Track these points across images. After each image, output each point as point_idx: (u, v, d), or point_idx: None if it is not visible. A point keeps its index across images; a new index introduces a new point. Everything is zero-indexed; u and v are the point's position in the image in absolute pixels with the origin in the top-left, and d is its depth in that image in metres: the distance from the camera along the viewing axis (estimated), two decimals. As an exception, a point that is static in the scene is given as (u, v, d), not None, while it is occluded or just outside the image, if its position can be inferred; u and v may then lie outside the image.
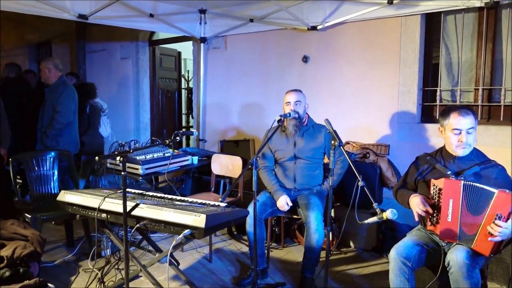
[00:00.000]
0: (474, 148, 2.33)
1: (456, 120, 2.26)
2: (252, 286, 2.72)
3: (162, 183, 4.47)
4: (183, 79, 7.51)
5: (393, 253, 2.27)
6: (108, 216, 2.59)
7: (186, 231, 2.23)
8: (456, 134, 2.28)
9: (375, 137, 4.04)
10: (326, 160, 3.31)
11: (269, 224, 3.49)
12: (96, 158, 2.33)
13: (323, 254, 2.90)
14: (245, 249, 3.73)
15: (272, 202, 3.17)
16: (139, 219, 2.44)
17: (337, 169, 3.18)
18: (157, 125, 6.53)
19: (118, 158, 2.36)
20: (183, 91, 7.50)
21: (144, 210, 2.41)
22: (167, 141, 2.73)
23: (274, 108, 4.61)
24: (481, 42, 3.58)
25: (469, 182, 2.14)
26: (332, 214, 3.78)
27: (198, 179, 4.62)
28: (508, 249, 2.86)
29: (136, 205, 2.44)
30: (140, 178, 3.54)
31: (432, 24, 3.83)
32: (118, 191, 2.67)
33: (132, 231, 2.44)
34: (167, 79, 6.64)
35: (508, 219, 2.01)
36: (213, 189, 3.98)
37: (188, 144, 7.33)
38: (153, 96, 6.42)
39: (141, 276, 3.16)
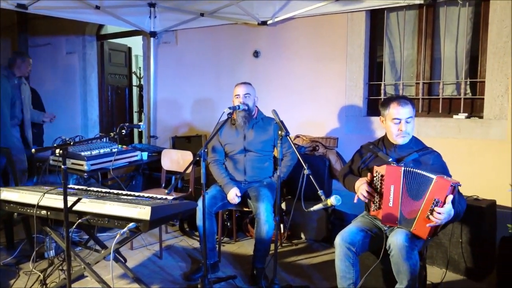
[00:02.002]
0: (413, 136, 2.44)
1: (396, 110, 2.36)
2: (202, 280, 2.69)
3: (111, 180, 4.33)
4: (134, 76, 7.32)
5: (338, 239, 2.33)
6: (49, 212, 2.47)
7: (131, 224, 2.16)
8: (396, 124, 2.37)
9: (325, 130, 4.13)
10: (276, 153, 3.34)
11: (220, 218, 3.48)
12: (33, 150, 2.21)
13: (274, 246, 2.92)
14: (197, 244, 3.69)
15: (223, 195, 3.15)
16: (81, 214, 2.34)
17: (287, 161, 3.22)
18: (107, 122, 6.31)
19: (57, 151, 2.25)
20: (134, 88, 7.31)
21: (87, 205, 2.32)
22: (111, 134, 2.65)
23: (226, 103, 4.54)
24: (421, 38, 3.77)
25: (409, 168, 2.23)
26: (284, 207, 3.83)
27: (148, 175, 4.52)
28: (447, 234, 3.02)
29: (78, 200, 2.34)
30: (85, 174, 3.41)
31: (377, 20, 3.98)
32: (59, 187, 2.55)
33: (74, 226, 2.33)
34: (116, 75, 6.45)
35: (444, 204, 2.11)
36: (163, 185, 3.90)
37: (141, 142, 7.15)
38: (101, 92, 6.21)
39: (87, 276, 3.04)
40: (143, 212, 2.14)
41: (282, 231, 3.68)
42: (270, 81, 4.44)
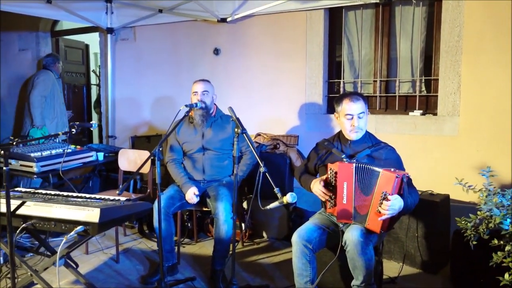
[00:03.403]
0: (367, 132, 2.46)
1: (348, 106, 2.37)
2: (159, 283, 2.61)
3: (66, 182, 4.15)
4: (93, 74, 7.07)
5: (295, 237, 2.32)
6: (-10, 218, 2.32)
7: (79, 228, 2.08)
8: (349, 119, 2.38)
9: (285, 128, 4.12)
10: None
11: (179, 218, 3.39)
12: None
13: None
14: (156, 247, 3.59)
15: (181, 195, 3.08)
16: (26, 218, 2.22)
17: (246, 159, 3.18)
18: (63, 122, 6.05)
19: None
20: (93, 87, 7.06)
21: (32, 208, 2.20)
22: (60, 133, 2.52)
23: (186, 101, 4.43)
24: (378, 37, 3.82)
25: (360, 164, 2.24)
26: (245, 206, 3.80)
27: (106, 177, 4.37)
28: (403, 229, 3.08)
29: (23, 203, 2.22)
30: (35, 176, 3.24)
31: (335, 19, 4.00)
32: (1, 190, 2.40)
33: (18, 231, 2.20)
34: (73, 73, 6.19)
35: (392, 195, 2.13)
36: (121, 186, 3.77)
37: (101, 142, 6.91)
38: (57, 91, 5.94)
39: (36, 284, 2.88)
40: (92, 215, 2.05)
41: (243, 230, 3.64)
42: (231, 78, 4.39)
